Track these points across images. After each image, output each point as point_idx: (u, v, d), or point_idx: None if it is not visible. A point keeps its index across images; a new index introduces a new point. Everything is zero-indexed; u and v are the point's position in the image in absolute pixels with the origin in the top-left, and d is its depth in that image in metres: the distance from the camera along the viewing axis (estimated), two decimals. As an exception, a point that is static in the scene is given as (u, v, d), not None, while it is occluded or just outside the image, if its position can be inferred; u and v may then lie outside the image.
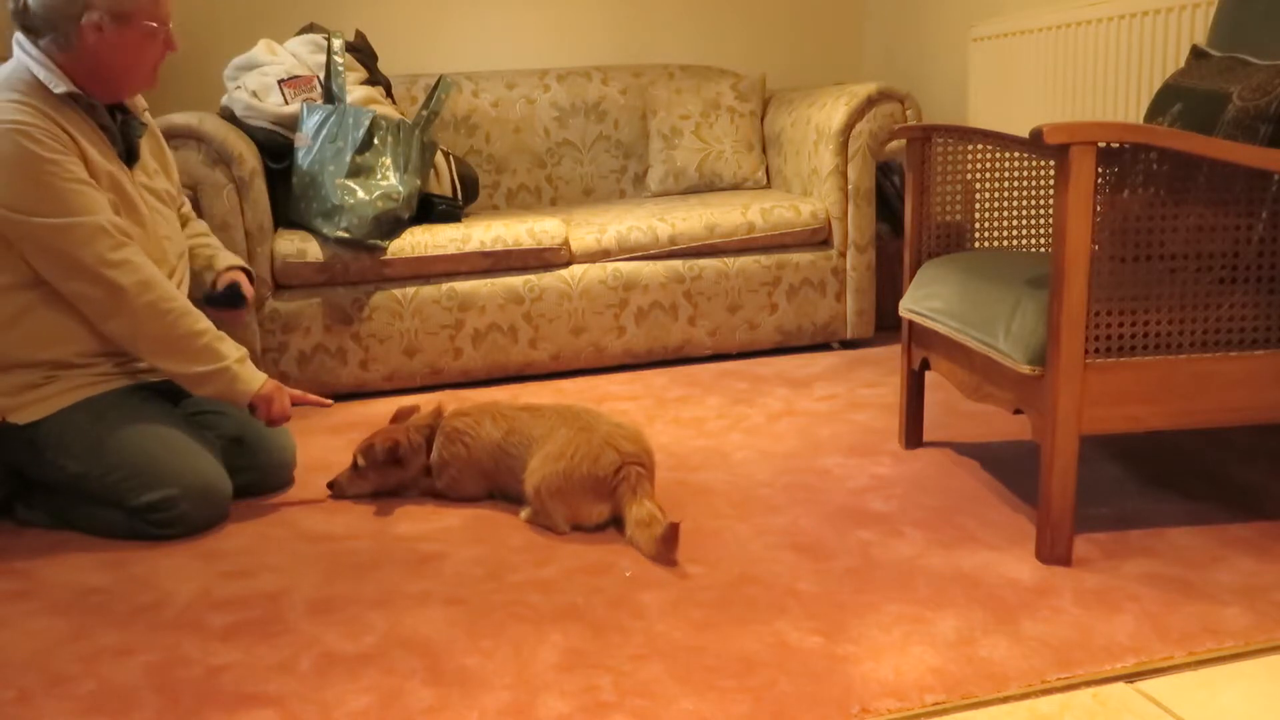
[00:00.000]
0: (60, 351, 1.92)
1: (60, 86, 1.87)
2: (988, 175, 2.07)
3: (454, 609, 1.60)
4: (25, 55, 1.89)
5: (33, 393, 1.92)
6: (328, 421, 2.61)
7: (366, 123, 2.75)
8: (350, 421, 2.60)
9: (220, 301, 2.18)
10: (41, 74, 1.87)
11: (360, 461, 2.06)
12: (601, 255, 2.92)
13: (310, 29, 3.13)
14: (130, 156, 2.02)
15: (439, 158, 3.06)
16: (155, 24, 1.91)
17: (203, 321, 1.94)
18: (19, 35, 1.90)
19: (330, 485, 2.10)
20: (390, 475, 2.06)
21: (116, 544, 1.92)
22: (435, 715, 1.32)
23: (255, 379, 1.98)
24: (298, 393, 2.07)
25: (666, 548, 1.72)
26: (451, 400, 2.76)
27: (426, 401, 2.23)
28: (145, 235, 1.98)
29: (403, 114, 3.12)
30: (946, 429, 2.36)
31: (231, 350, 1.96)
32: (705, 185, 3.44)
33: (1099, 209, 1.57)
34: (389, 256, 2.76)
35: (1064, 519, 1.65)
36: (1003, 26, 3.16)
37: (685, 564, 1.72)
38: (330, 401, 2.16)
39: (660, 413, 2.58)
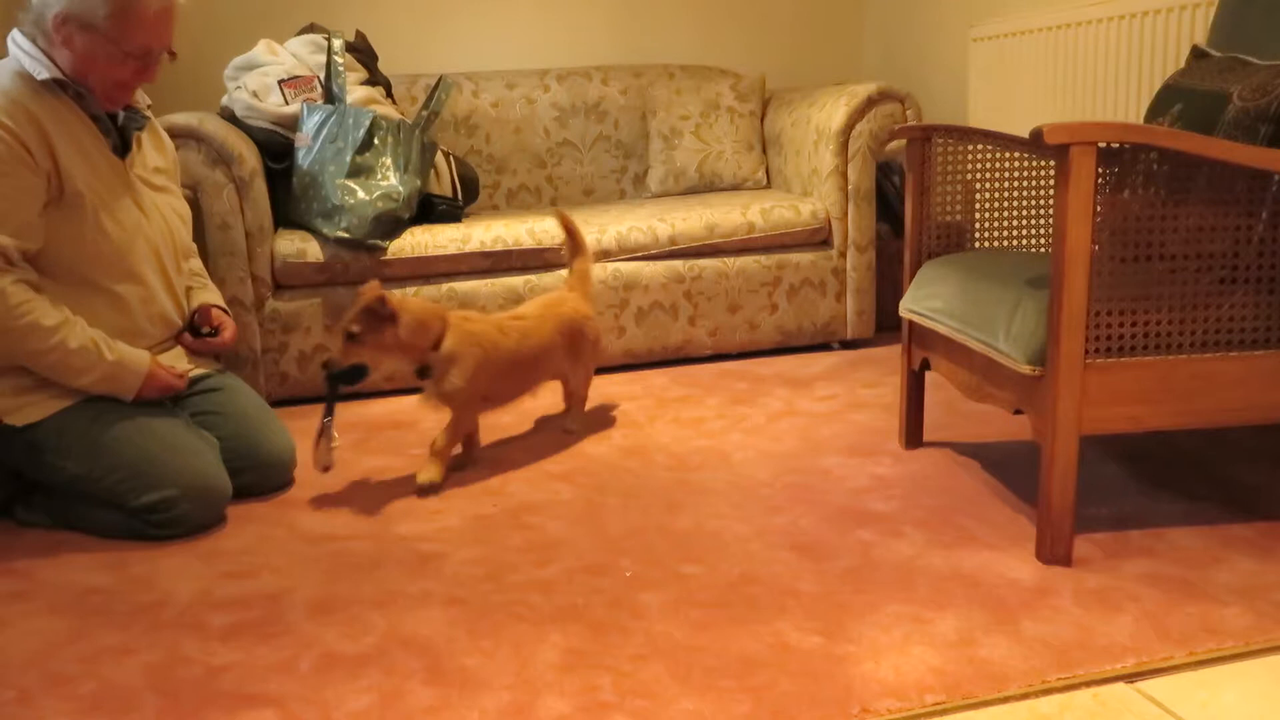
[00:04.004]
0: None
1: (44, 73, 1.87)
2: (988, 175, 2.07)
3: (454, 609, 1.61)
4: (15, 47, 1.90)
5: (31, 394, 1.92)
6: (328, 421, 2.61)
7: (367, 123, 2.75)
8: (350, 422, 2.60)
9: (193, 334, 2.17)
10: (27, 63, 1.88)
11: (354, 328, 2.00)
12: (601, 255, 2.92)
13: (310, 29, 3.13)
14: (124, 148, 2.01)
15: (439, 158, 3.06)
16: (117, 50, 1.88)
17: (50, 339, 1.85)
18: (15, 31, 1.91)
19: (324, 364, 2.03)
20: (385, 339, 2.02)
21: (116, 544, 1.92)
22: (435, 715, 1.32)
23: (124, 396, 1.95)
24: (178, 387, 2.03)
25: None
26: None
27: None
28: (124, 227, 1.96)
29: (403, 114, 3.12)
30: (946, 429, 2.36)
31: (84, 367, 1.89)
32: (705, 185, 3.44)
33: (1099, 209, 1.57)
34: (389, 256, 2.76)
35: (1064, 519, 1.65)
36: (1003, 26, 3.16)
37: (685, 564, 1.73)
38: (182, 380, 2.06)
39: (660, 413, 2.58)
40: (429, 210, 2.95)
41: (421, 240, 2.79)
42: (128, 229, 1.98)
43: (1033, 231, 2.10)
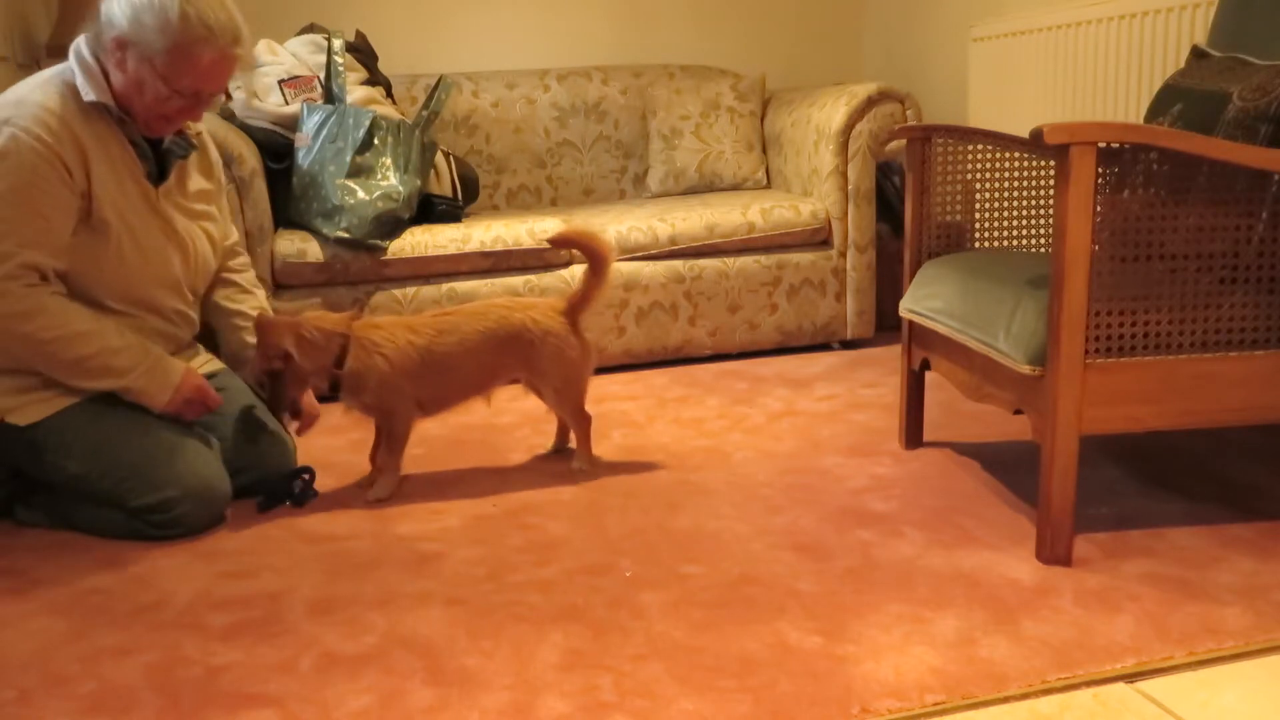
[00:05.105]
0: None
1: (90, 95, 1.85)
2: (988, 175, 2.07)
3: (454, 609, 1.61)
4: (75, 58, 1.88)
5: (33, 393, 1.92)
6: (327, 421, 2.61)
7: (367, 123, 2.75)
8: (350, 422, 2.60)
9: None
10: (79, 79, 1.86)
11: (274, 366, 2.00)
12: (601, 255, 2.92)
13: (310, 29, 3.14)
14: (161, 175, 2.00)
15: (439, 158, 3.06)
16: (165, 87, 1.85)
17: (93, 343, 1.86)
18: (80, 40, 1.88)
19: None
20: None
21: (116, 544, 1.92)
22: (435, 715, 1.32)
23: (156, 400, 1.93)
24: (214, 398, 2.02)
25: None
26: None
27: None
28: (145, 256, 1.96)
29: (403, 114, 3.12)
30: (946, 429, 2.36)
31: (128, 367, 1.90)
32: (705, 185, 3.44)
33: (1099, 209, 1.57)
34: (389, 256, 2.76)
35: (1064, 519, 1.65)
36: (1003, 26, 3.16)
37: (685, 564, 1.73)
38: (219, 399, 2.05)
39: (660, 413, 2.58)
40: (429, 210, 2.95)
41: (421, 240, 2.79)
42: (149, 257, 1.97)
43: (1033, 231, 2.10)
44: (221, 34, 1.84)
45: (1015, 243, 2.10)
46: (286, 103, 2.88)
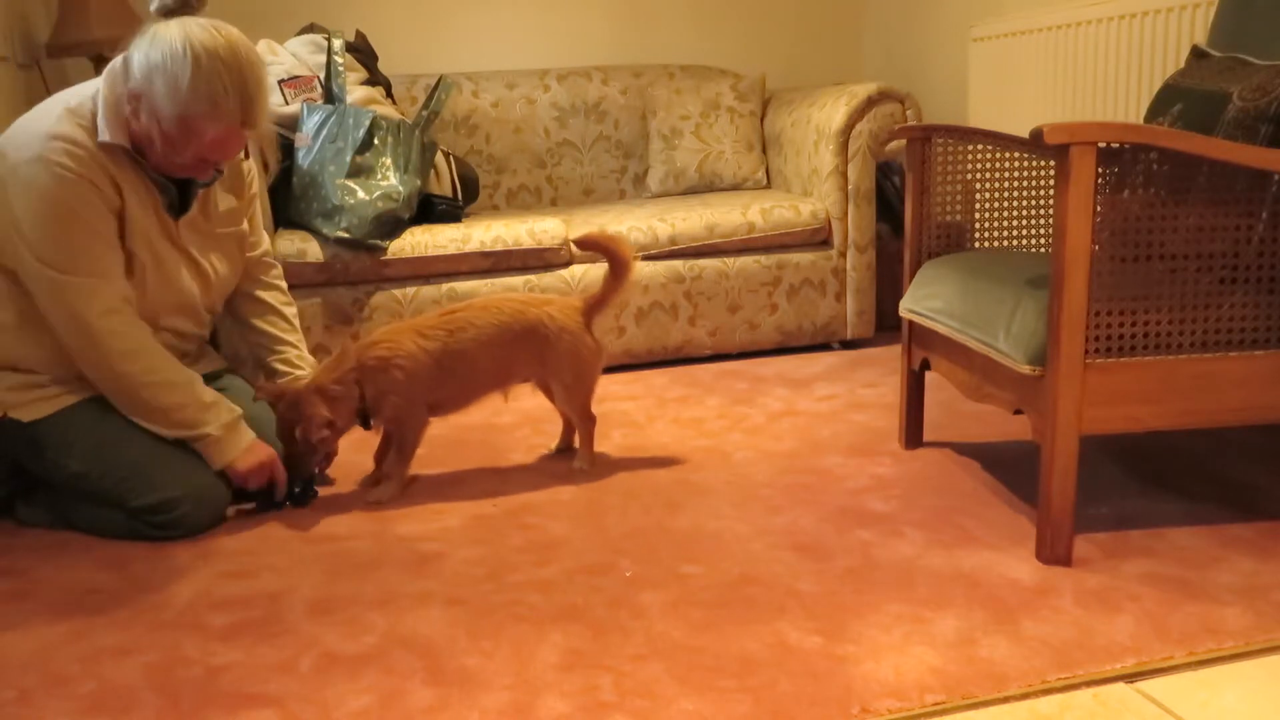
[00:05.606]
0: (65, 352, 1.91)
1: (105, 135, 1.82)
2: (988, 175, 2.07)
3: (454, 609, 1.61)
4: (105, 85, 1.85)
5: (37, 391, 1.92)
6: (328, 421, 2.61)
7: (367, 123, 2.75)
8: (350, 421, 2.60)
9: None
10: (100, 117, 1.83)
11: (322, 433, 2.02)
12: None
13: (310, 29, 3.13)
14: (183, 207, 1.99)
15: (439, 158, 3.06)
16: (171, 149, 1.83)
17: (185, 393, 1.90)
18: (115, 66, 1.85)
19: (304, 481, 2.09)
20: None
21: (116, 544, 1.92)
22: (435, 715, 1.32)
23: (227, 454, 1.94)
24: (280, 476, 2.02)
25: None
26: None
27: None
28: (166, 285, 1.97)
29: (403, 114, 3.12)
30: (946, 429, 2.36)
31: (211, 420, 1.92)
32: (705, 186, 3.44)
33: (1099, 209, 1.57)
34: (389, 256, 2.76)
35: (1064, 519, 1.65)
36: (1003, 26, 3.16)
37: (685, 564, 1.73)
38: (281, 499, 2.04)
39: (660, 413, 2.58)
40: (429, 210, 2.95)
41: (421, 240, 2.79)
42: (169, 286, 1.97)
43: (1033, 231, 2.10)
44: (229, 112, 1.80)
45: (1015, 243, 2.10)
46: (286, 103, 2.88)
